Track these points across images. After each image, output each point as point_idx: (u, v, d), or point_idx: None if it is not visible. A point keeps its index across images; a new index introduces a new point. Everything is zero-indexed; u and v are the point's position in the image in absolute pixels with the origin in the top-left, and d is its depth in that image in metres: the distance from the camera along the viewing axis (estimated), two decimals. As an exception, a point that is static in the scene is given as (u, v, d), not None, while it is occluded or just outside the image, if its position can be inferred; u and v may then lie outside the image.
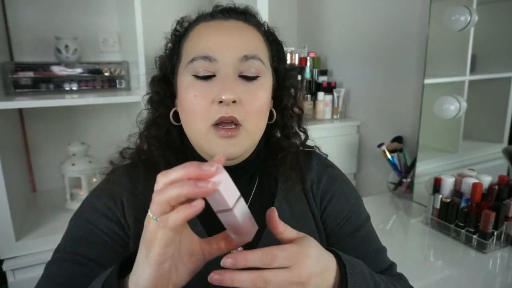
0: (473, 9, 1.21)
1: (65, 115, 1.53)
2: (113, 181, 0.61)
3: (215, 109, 0.53)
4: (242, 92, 0.54)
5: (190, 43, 0.58)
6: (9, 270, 1.14)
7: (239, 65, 0.54)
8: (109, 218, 0.57)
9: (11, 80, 1.28)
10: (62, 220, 1.28)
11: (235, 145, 0.54)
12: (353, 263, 0.47)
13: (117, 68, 1.46)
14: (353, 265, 0.46)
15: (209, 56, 0.54)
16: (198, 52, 0.55)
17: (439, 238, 1.14)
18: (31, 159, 1.51)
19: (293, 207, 0.62)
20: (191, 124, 0.56)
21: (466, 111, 1.30)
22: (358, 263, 0.48)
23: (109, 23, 1.56)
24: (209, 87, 0.54)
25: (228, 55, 0.54)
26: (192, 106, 0.55)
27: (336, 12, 1.84)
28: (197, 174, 0.36)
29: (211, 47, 0.54)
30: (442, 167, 1.45)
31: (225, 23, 0.58)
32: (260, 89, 0.56)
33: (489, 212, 1.02)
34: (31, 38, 1.43)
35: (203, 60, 0.54)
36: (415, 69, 1.45)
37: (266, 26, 0.63)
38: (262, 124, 0.58)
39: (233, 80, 0.53)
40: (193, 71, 0.55)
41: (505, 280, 0.95)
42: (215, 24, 0.58)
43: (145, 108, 0.65)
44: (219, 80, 0.53)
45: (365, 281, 0.47)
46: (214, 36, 0.56)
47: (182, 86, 0.57)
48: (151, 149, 0.61)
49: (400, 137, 1.53)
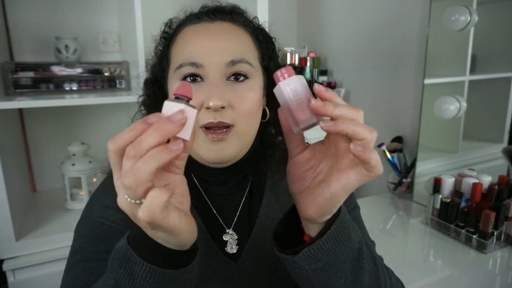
0: (473, 9, 1.21)
1: (65, 115, 1.53)
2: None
3: (204, 114, 0.53)
4: (231, 96, 0.54)
5: (177, 48, 0.58)
6: (9, 270, 1.14)
7: (226, 69, 0.54)
8: (123, 212, 0.58)
9: (11, 80, 1.28)
10: (62, 220, 1.28)
11: (225, 149, 0.54)
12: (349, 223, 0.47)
13: (117, 68, 1.46)
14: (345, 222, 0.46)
15: (196, 62, 0.54)
16: (184, 58, 0.55)
17: (439, 238, 1.14)
18: (31, 159, 1.51)
19: (281, 200, 0.63)
20: None
21: (466, 111, 1.30)
22: (353, 227, 0.48)
23: (109, 23, 1.56)
24: (197, 92, 0.53)
25: (215, 60, 0.53)
26: None
27: (336, 12, 1.84)
28: (166, 131, 0.33)
29: (198, 53, 0.54)
30: (442, 167, 1.45)
31: (211, 26, 0.57)
32: (249, 92, 0.55)
33: (489, 212, 1.02)
34: (31, 38, 1.43)
35: (190, 66, 0.54)
36: (415, 69, 1.45)
37: (255, 23, 0.62)
38: (254, 125, 0.58)
39: (221, 86, 0.53)
40: (181, 76, 0.55)
41: (505, 280, 0.95)
42: (201, 27, 0.57)
43: (139, 111, 0.66)
44: (207, 85, 0.53)
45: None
46: (200, 41, 0.55)
47: (171, 90, 0.57)
48: None
49: (400, 137, 1.53)
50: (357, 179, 0.40)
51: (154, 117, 0.35)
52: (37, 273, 1.16)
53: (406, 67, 1.50)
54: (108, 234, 0.56)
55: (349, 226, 0.46)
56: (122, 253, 0.40)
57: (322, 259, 0.44)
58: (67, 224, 1.24)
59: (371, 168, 0.38)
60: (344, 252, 0.45)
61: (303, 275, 0.46)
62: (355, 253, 0.47)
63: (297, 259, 0.44)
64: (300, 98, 0.40)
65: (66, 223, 1.25)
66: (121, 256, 0.40)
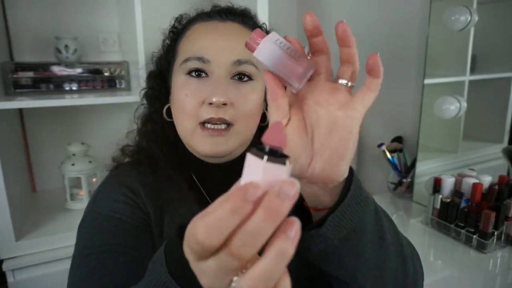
0: (473, 9, 1.20)
1: (65, 115, 1.53)
2: (123, 175, 0.62)
3: (205, 110, 0.54)
4: (234, 95, 0.54)
5: (186, 42, 0.59)
6: (9, 270, 1.13)
7: (231, 68, 0.55)
8: (132, 205, 0.58)
9: (11, 80, 1.28)
10: (62, 220, 1.28)
11: (221, 144, 0.55)
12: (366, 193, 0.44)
13: (117, 68, 1.46)
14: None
15: (203, 57, 0.55)
16: (193, 52, 0.56)
17: (439, 238, 1.14)
18: (31, 159, 1.51)
19: None
20: (180, 121, 0.58)
21: (466, 111, 1.30)
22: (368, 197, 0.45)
23: (109, 23, 1.55)
24: (201, 88, 0.55)
25: (222, 57, 0.54)
26: (182, 105, 0.56)
27: (335, 12, 1.84)
28: (281, 215, 0.24)
29: (206, 49, 0.55)
30: (442, 167, 1.45)
31: (221, 25, 0.58)
32: (252, 93, 0.56)
33: (489, 212, 1.02)
34: (31, 38, 1.43)
35: (197, 61, 0.55)
36: (415, 69, 1.45)
37: (264, 29, 0.64)
38: (253, 126, 0.59)
39: (225, 83, 0.54)
40: (186, 70, 0.56)
41: (505, 280, 0.95)
42: (212, 25, 0.58)
43: (141, 103, 0.67)
44: (211, 81, 0.54)
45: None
46: (209, 37, 0.56)
47: (175, 84, 0.58)
48: (150, 145, 0.62)
49: (400, 137, 1.53)
50: (345, 95, 0.39)
51: (254, 189, 0.24)
52: (37, 273, 1.16)
53: (406, 67, 1.50)
54: (119, 226, 0.56)
55: (361, 184, 0.44)
56: (161, 283, 0.33)
57: (347, 225, 0.41)
58: (67, 224, 1.24)
59: (379, 72, 0.39)
60: (366, 213, 0.43)
61: (329, 251, 0.42)
62: (373, 211, 0.45)
63: (323, 231, 0.41)
64: (290, 47, 0.37)
65: (66, 223, 1.25)
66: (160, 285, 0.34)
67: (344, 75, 0.40)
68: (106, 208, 0.58)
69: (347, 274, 0.45)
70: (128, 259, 0.52)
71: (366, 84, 0.39)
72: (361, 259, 0.44)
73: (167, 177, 0.60)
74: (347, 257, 0.43)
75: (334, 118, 0.39)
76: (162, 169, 0.60)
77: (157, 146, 0.62)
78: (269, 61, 0.36)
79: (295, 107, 0.41)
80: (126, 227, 0.56)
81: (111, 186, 0.61)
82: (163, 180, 0.60)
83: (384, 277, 0.47)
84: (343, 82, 0.40)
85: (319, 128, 0.40)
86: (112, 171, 0.64)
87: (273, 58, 0.36)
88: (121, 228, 0.55)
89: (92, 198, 0.61)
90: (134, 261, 0.52)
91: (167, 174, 0.60)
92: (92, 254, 0.53)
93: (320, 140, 0.40)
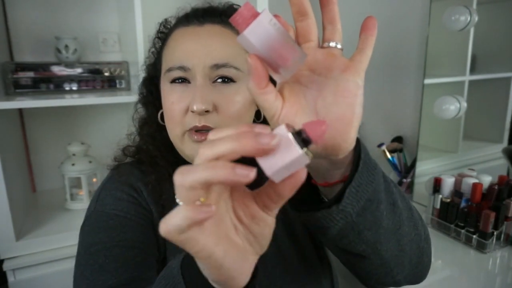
0: (473, 9, 1.20)
1: (65, 115, 1.53)
2: (125, 173, 0.63)
3: (190, 117, 0.55)
4: (217, 98, 0.55)
5: (167, 50, 0.59)
6: (9, 270, 1.13)
7: (210, 72, 0.55)
8: (135, 204, 0.59)
9: (11, 80, 1.28)
10: (62, 220, 1.27)
11: None
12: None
13: (117, 68, 1.46)
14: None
15: (184, 66, 0.55)
16: (173, 62, 0.56)
17: (439, 238, 1.14)
18: (31, 159, 1.51)
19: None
20: (169, 128, 0.59)
21: (466, 111, 1.30)
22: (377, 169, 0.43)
23: (109, 23, 1.55)
24: (184, 95, 0.55)
25: (200, 63, 0.55)
26: (170, 113, 0.57)
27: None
28: (242, 146, 0.27)
29: (185, 56, 0.55)
30: (442, 167, 1.45)
31: (199, 29, 0.58)
32: (237, 95, 0.56)
33: (489, 212, 1.02)
34: (31, 38, 1.43)
35: (178, 70, 0.56)
36: (415, 69, 1.45)
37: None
38: None
39: (205, 89, 0.54)
40: (170, 79, 0.57)
41: (505, 280, 0.95)
42: (190, 30, 0.58)
43: (137, 108, 0.68)
44: (192, 89, 0.55)
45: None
46: (187, 44, 0.56)
47: (163, 91, 0.59)
48: (148, 146, 0.64)
49: (400, 137, 1.53)
50: (342, 59, 0.38)
51: (260, 128, 0.28)
52: (38, 273, 1.15)
53: (406, 67, 1.50)
54: (125, 224, 0.56)
55: (368, 151, 0.43)
56: (172, 277, 0.35)
57: (363, 196, 0.40)
58: (67, 224, 1.24)
59: (375, 29, 0.39)
60: (377, 180, 0.42)
61: (348, 227, 0.41)
62: (382, 178, 0.44)
63: (343, 205, 0.40)
64: (283, 31, 0.32)
65: (66, 223, 1.25)
66: (169, 279, 0.35)
67: (333, 37, 0.38)
68: (110, 207, 0.58)
69: (368, 248, 0.44)
70: (136, 253, 0.53)
71: (361, 43, 0.38)
72: (380, 229, 0.43)
73: (168, 176, 0.61)
74: (366, 230, 0.42)
75: (338, 83, 0.37)
76: (163, 168, 0.61)
77: (155, 147, 0.63)
78: (260, 44, 0.31)
79: (287, 88, 0.38)
80: (131, 224, 0.56)
81: (114, 185, 0.61)
82: (164, 178, 0.61)
83: (402, 244, 0.46)
84: (335, 45, 0.38)
85: (323, 97, 0.38)
86: (114, 170, 0.65)
87: (265, 41, 0.31)
88: (126, 226, 0.56)
89: (94, 197, 0.62)
90: (141, 255, 0.53)
91: (167, 173, 0.61)
92: (100, 250, 0.53)
93: (325, 109, 0.38)
